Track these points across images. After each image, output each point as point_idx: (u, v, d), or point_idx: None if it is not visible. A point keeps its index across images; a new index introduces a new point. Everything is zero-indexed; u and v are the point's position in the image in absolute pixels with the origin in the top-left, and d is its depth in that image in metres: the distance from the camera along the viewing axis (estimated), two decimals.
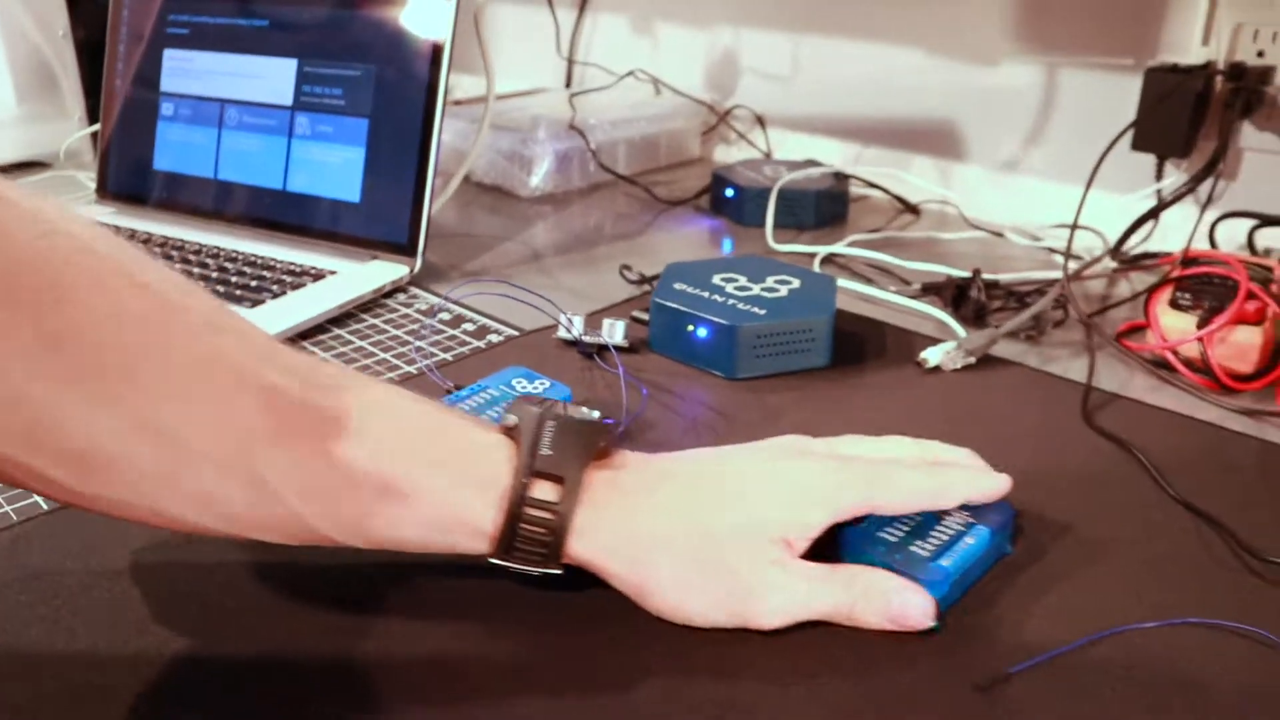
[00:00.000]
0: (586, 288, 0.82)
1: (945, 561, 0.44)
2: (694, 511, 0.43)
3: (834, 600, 0.42)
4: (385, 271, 0.81)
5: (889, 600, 0.42)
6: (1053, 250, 0.91)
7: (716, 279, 0.72)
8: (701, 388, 0.66)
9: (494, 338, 0.72)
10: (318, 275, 0.80)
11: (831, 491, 0.44)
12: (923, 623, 0.42)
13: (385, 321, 0.76)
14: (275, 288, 0.78)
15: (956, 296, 0.77)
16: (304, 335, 0.73)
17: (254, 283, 0.79)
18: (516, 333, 0.73)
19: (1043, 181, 0.98)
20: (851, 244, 0.90)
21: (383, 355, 0.70)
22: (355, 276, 0.80)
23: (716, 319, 0.66)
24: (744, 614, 0.42)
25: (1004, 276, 0.80)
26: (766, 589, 0.42)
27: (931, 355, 0.68)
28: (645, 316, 0.72)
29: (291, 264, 0.82)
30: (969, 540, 0.46)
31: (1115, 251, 0.85)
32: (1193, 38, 0.87)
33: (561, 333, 0.70)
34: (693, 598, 0.42)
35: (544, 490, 0.41)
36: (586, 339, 0.69)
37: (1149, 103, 0.86)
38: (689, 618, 0.42)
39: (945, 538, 0.46)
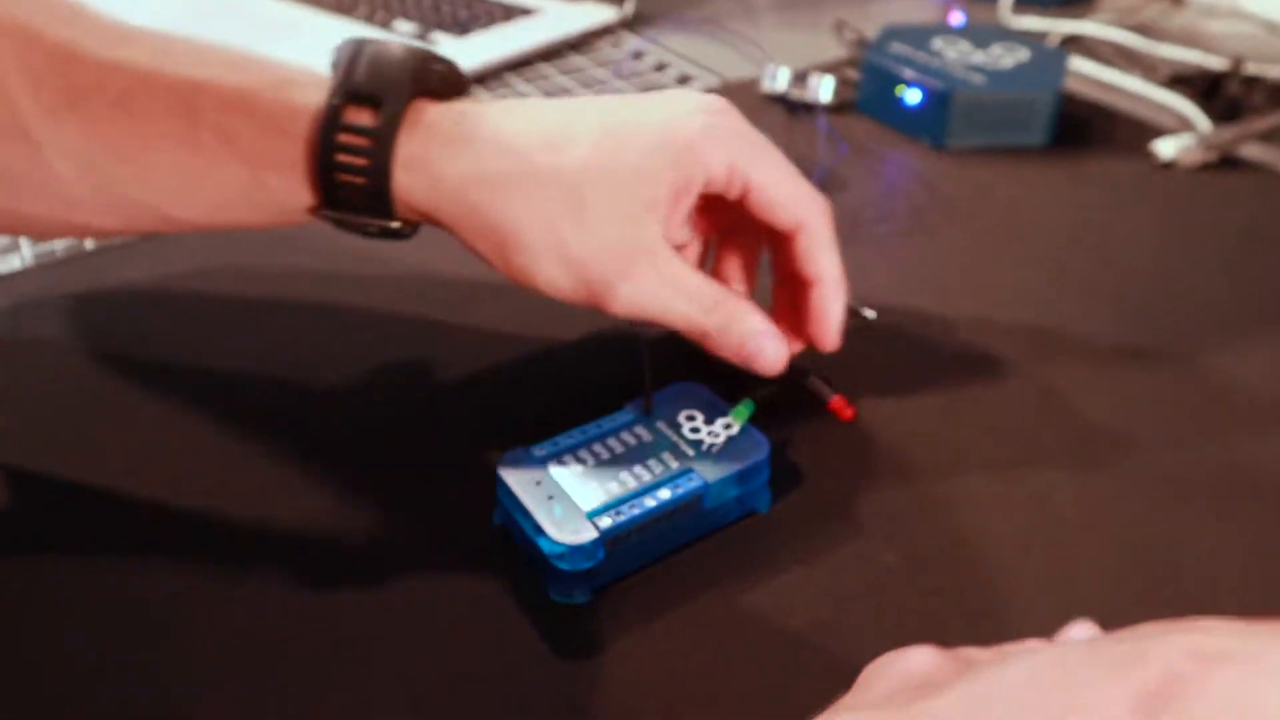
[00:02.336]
0: (798, 44, 0.78)
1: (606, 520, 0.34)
2: (560, 147, 0.36)
3: (692, 316, 0.37)
4: (594, 13, 0.79)
5: (744, 341, 0.38)
6: None
7: (937, 43, 0.67)
8: (907, 154, 0.62)
9: (695, 85, 0.70)
10: (526, 12, 0.79)
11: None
12: (768, 370, 0.38)
13: (592, 60, 0.75)
14: (484, 19, 0.78)
15: (1209, 90, 0.69)
16: (511, 68, 0.73)
17: (464, 14, 0.79)
18: (718, 80, 0.71)
19: None
20: (1097, 23, 0.82)
21: (586, 93, 0.69)
22: (563, 16, 0.79)
23: (931, 82, 0.62)
24: (600, 293, 0.36)
25: (1273, 71, 0.71)
26: (631, 269, 0.36)
27: (1165, 147, 0.62)
28: (856, 76, 0.68)
29: (501, 1, 0.82)
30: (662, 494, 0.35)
31: None
32: None
33: (766, 84, 0.67)
34: (549, 261, 0.36)
35: (359, 116, 0.35)
36: (792, 93, 0.66)
37: None
38: (535, 281, 0.36)
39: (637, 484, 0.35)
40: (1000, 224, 0.56)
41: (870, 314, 0.47)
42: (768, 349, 0.38)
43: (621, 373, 0.41)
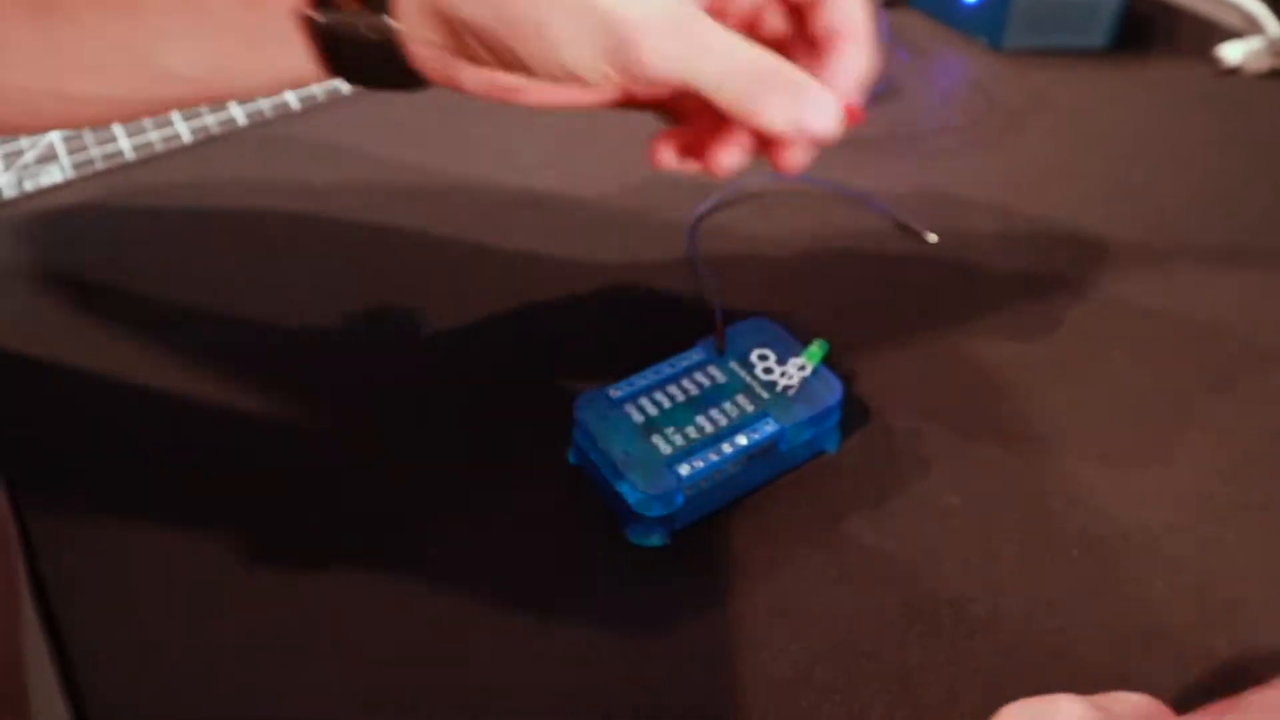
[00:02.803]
0: None
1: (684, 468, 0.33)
2: None
3: (737, 81, 0.31)
4: None
5: (802, 105, 0.31)
6: None
7: None
8: (962, 55, 0.60)
9: None
10: None
11: None
12: (827, 131, 0.31)
13: None
14: None
15: None
16: None
17: None
18: None
19: None
20: None
21: None
22: None
23: None
24: (627, 55, 0.30)
25: None
26: (667, 30, 0.30)
27: (1231, 52, 0.60)
28: None
29: None
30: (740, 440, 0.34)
31: None
32: None
33: None
34: (573, 29, 0.30)
35: None
36: None
37: None
38: (560, 59, 0.31)
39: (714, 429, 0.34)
40: (1058, 131, 0.54)
41: (932, 238, 0.46)
42: (823, 105, 0.31)
43: (689, 306, 0.40)
